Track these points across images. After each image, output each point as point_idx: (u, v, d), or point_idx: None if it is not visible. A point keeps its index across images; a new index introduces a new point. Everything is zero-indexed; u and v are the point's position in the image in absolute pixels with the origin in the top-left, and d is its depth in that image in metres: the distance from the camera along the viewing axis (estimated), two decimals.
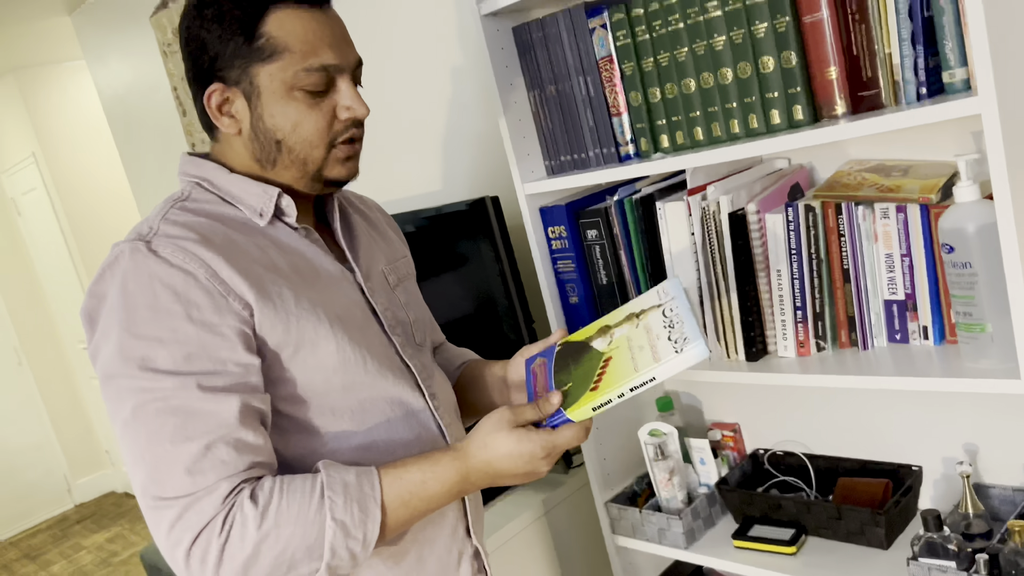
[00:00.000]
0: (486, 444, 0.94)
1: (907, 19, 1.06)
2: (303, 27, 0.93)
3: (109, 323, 0.88)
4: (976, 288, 1.03)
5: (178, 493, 0.84)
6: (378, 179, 2.25)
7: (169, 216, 0.94)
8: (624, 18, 1.30)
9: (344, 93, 0.96)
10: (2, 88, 4.33)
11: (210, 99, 0.95)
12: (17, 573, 4.35)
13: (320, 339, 0.94)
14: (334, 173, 0.98)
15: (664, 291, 1.04)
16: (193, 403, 0.85)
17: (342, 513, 0.87)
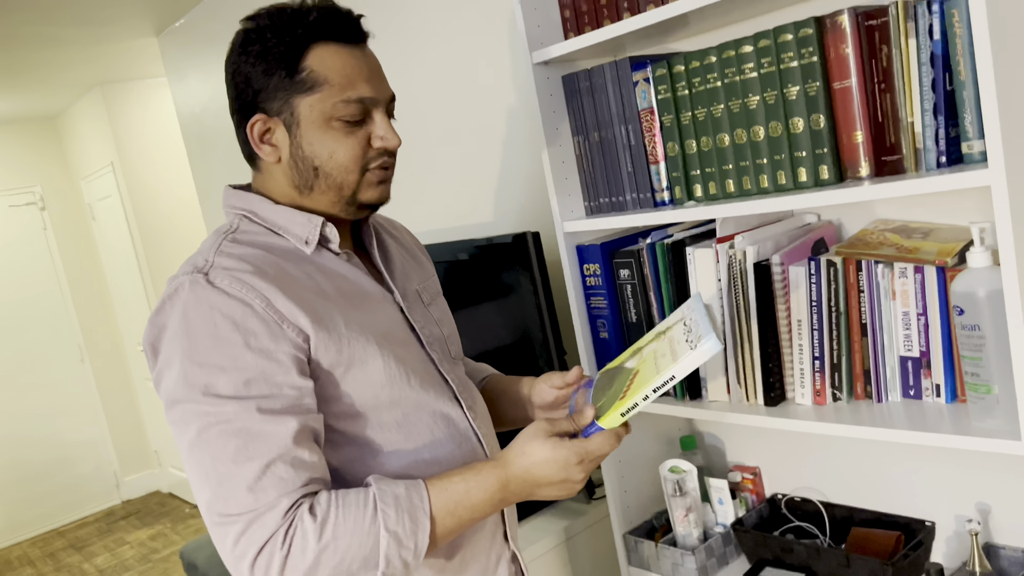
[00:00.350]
0: (524, 452, 0.99)
1: (930, 91, 1.12)
2: (342, 62, 1.00)
3: (172, 352, 0.94)
4: (984, 350, 1.07)
5: (242, 509, 0.90)
6: (432, 207, 2.36)
7: (223, 248, 1.00)
8: (666, 74, 1.38)
9: (379, 124, 1.03)
10: (89, 100, 4.60)
11: (252, 129, 1.02)
12: (62, 562, 4.52)
13: (368, 357, 1.00)
14: (367, 196, 1.05)
15: (687, 306, 1.12)
16: (253, 425, 0.91)
17: (395, 524, 0.92)
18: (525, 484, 0.99)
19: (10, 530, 4.91)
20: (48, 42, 3.39)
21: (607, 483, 1.61)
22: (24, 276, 5.05)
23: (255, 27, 1.01)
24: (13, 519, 4.92)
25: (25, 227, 5.09)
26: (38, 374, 5.07)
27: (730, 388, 1.41)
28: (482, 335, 1.86)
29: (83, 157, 4.98)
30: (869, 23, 1.15)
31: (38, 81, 4.06)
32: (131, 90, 4.48)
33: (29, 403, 5.02)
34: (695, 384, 1.45)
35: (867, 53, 1.16)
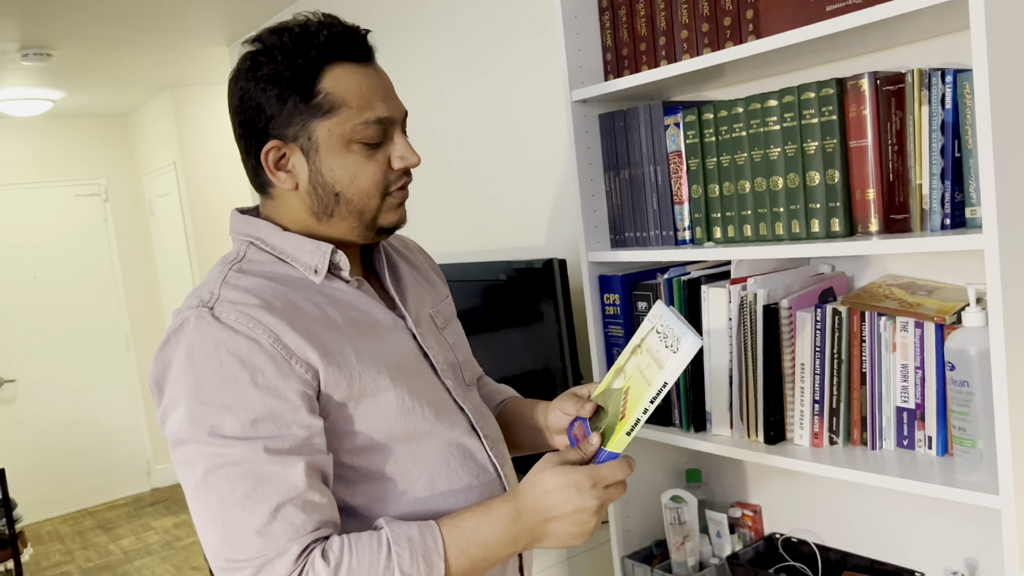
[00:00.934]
0: (535, 482, 0.96)
1: (939, 156, 1.18)
2: (358, 83, 0.98)
3: (177, 390, 0.90)
4: (971, 406, 1.12)
5: (250, 555, 0.87)
6: (460, 229, 2.46)
7: (229, 280, 0.96)
8: (695, 120, 1.46)
9: (398, 144, 1.01)
10: (159, 101, 4.82)
11: (267, 156, 0.99)
12: (90, 540, 4.68)
13: (381, 390, 0.98)
14: (387, 220, 1.03)
15: (654, 315, 1.10)
16: (261, 467, 0.88)
17: (409, 567, 0.90)
18: (537, 516, 0.95)
19: (44, 506, 5.09)
20: (127, 45, 3.59)
21: (611, 508, 1.67)
22: (82, 262, 5.28)
23: (263, 49, 0.97)
24: (48, 496, 5.10)
25: (88, 216, 5.32)
26: (84, 358, 5.27)
27: (733, 424, 1.46)
28: (503, 354, 1.94)
29: (148, 154, 5.20)
30: (887, 88, 1.22)
31: (113, 80, 4.29)
32: (198, 94, 4.69)
33: (73, 385, 5.23)
34: (700, 417, 1.51)
35: (883, 116, 1.23)
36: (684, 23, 1.46)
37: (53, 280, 5.18)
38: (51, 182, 5.20)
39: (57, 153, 5.21)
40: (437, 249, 2.60)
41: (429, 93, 2.55)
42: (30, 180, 5.13)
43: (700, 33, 1.43)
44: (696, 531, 1.60)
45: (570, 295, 1.78)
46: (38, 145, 5.15)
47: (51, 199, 5.20)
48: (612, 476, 0.97)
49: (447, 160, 2.52)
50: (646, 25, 1.52)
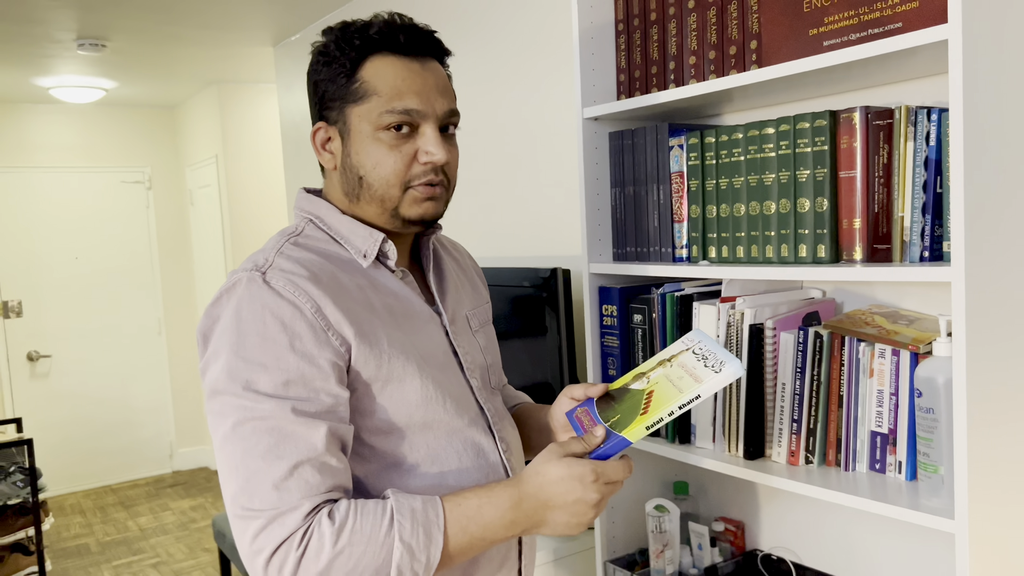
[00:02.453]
0: (538, 472, 0.99)
1: (921, 191, 1.22)
2: (393, 74, 1.02)
3: (220, 344, 0.96)
4: (936, 432, 1.16)
5: (264, 506, 0.91)
6: (480, 237, 2.53)
7: (284, 250, 1.02)
8: (698, 143, 1.51)
9: (426, 139, 1.03)
10: (205, 96, 4.99)
11: (315, 136, 1.07)
12: (110, 516, 4.82)
13: (407, 376, 1.02)
14: (410, 212, 1.05)
15: (689, 339, 1.14)
16: (287, 425, 0.92)
17: (409, 536, 0.93)
18: (538, 504, 0.98)
19: (69, 479, 5.25)
20: (177, 40, 3.74)
21: None
22: (123, 247, 5.46)
23: (326, 39, 1.06)
24: (73, 470, 5.27)
25: (131, 203, 5.50)
26: (118, 339, 5.44)
27: (715, 438, 1.51)
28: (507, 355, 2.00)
29: (191, 146, 5.37)
30: (877, 122, 1.27)
31: (163, 73, 4.45)
32: (243, 92, 4.84)
33: (105, 365, 5.39)
34: (686, 430, 1.56)
35: (872, 149, 1.27)
36: (693, 49, 1.52)
37: (94, 262, 5.36)
38: (98, 168, 5.39)
39: (106, 140, 5.41)
40: None
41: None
42: (79, 164, 5.32)
43: (707, 60, 1.49)
44: (677, 541, 1.64)
45: (572, 305, 1.84)
46: (88, 131, 5.35)
47: (97, 184, 5.39)
48: (615, 474, 0.99)
49: (464, 167, 2.60)
50: (658, 49, 1.59)
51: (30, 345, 5.17)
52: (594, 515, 0.99)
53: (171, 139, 5.63)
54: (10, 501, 3.86)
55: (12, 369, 5.12)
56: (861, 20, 1.25)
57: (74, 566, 4.10)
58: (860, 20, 1.25)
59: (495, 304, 1.43)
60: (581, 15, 1.65)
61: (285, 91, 3.97)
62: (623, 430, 1.01)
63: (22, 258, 5.14)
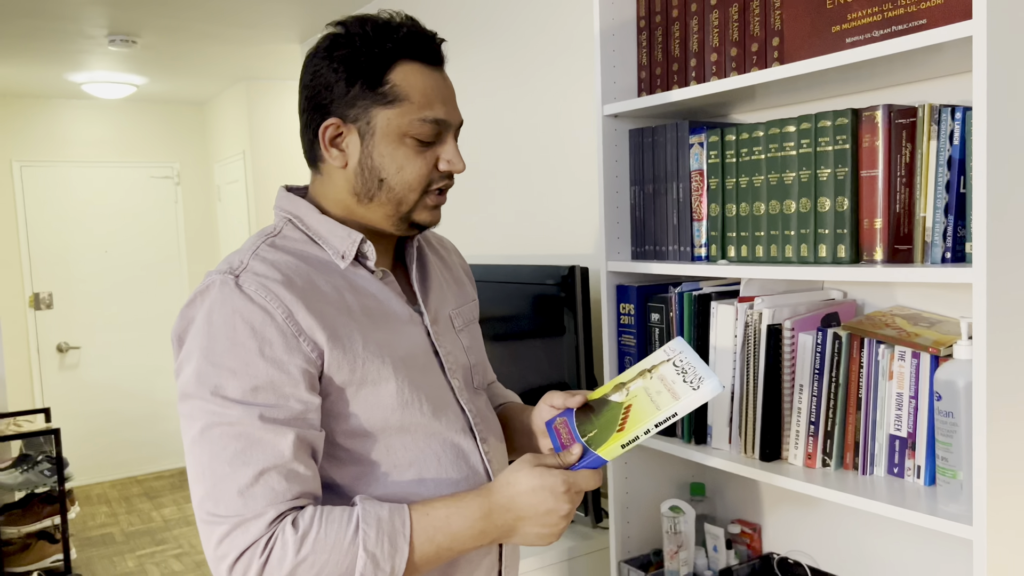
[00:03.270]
0: (509, 482, 0.99)
1: (944, 191, 1.20)
2: (423, 82, 1.03)
3: (192, 347, 0.96)
4: (955, 437, 1.14)
5: (229, 512, 0.91)
6: (489, 232, 2.53)
7: (259, 252, 1.02)
8: (718, 140, 1.50)
9: (448, 148, 1.06)
10: (234, 93, 5.04)
11: (325, 132, 1.04)
12: (134, 506, 4.89)
13: (382, 380, 1.01)
14: (421, 217, 1.07)
15: (671, 349, 1.14)
16: (254, 432, 0.92)
17: (374, 545, 0.93)
18: (508, 515, 0.98)
19: (96, 469, 5.33)
20: (207, 37, 3.78)
21: (612, 511, 1.71)
22: (151, 241, 5.53)
23: (344, 33, 1.03)
24: (100, 460, 5.34)
25: (160, 197, 5.58)
26: (144, 332, 5.51)
27: (731, 439, 1.49)
28: (522, 353, 2.00)
29: (220, 142, 5.43)
30: (899, 121, 1.25)
31: (193, 70, 4.50)
32: (271, 88, 4.88)
33: (132, 357, 5.47)
34: (702, 430, 1.55)
35: (894, 148, 1.25)
36: (714, 46, 1.50)
37: (123, 255, 5.43)
38: (129, 162, 5.47)
39: (136, 136, 5.48)
40: (466, 250, 2.68)
41: (470, 99, 2.63)
42: (109, 159, 5.40)
43: (728, 57, 1.48)
44: (691, 542, 1.63)
45: (590, 303, 1.83)
46: (119, 127, 5.42)
47: (127, 178, 5.47)
48: (586, 484, 1.00)
49: (481, 165, 2.60)
50: (679, 46, 1.57)
51: (60, 336, 5.25)
52: (564, 525, 0.99)
53: (200, 135, 5.69)
54: (37, 489, 3.93)
55: (42, 359, 5.21)
56: (885, 17, 1.23)
57: (98, 555, 4.16)
58: (884, 17, 1.23)
59: (513, 302, 1.42)
60: (603, 12, 1.64)
61: None
62: (599, 447, 1.01)
63: (53, 251, 5.22)
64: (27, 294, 5.16)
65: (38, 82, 4.64)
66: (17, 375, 5.09)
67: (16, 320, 5.11)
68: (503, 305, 2.03)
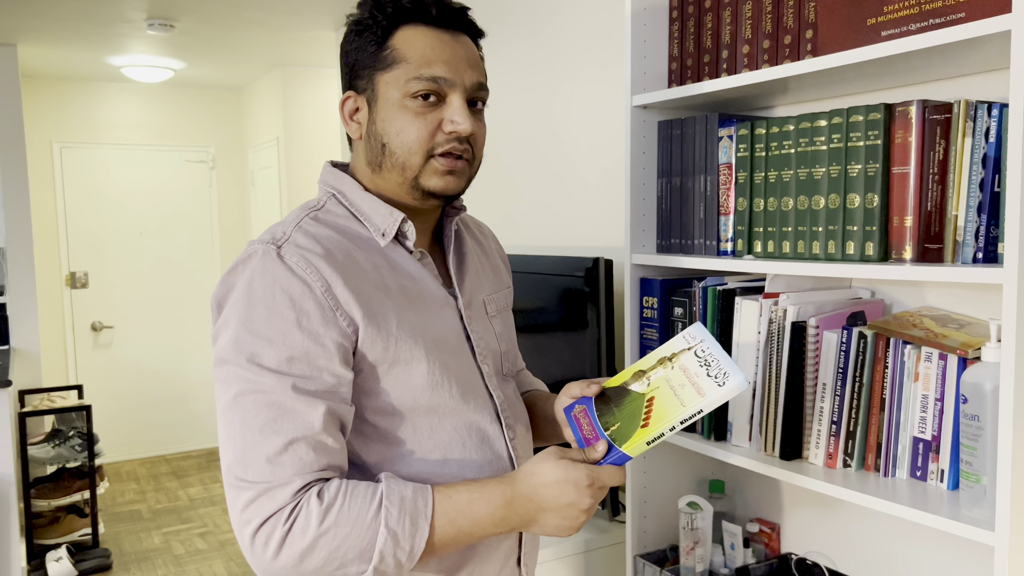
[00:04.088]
0: (533, 472, 0.99)
1: (977, 189, 1.17)
2: (424, 42, 1.02)
3: (231, 313, 0.97)
4: (980, 441, 1.11)
5: (257, 479, 0.92)
6: (516, 221, 2.52)
7: (302, 225, 1.02)
8: (748, 134, 1.48)
9: (452, 108, 1.02)
10: (269, 79, 5.08)
11: (344, 105, 1.07)
12: (162, 484, 4.97)
13: (414, 360, 1.01)
14: (430, 184, 1.04)
15: (691, 336, 1.11)
16: (286, 401, 0.93)
17: (395, 523, 0.93)
18: (530, 505, 0.98)
19: (127, 447, 5.43)
20: (244, 22, 3.81)
21: (629, 506, 1.71)
22: (185, 224, 5.60)
23: (360, 9, 1.06)
24: (131, 439, 5.44)
25: (195, 181, 5.65)
26: (176, 314, 5.60)
27: (752, 437, 1.48)
28: (545, 342, 1.99)
29: (254, 128, 5.48)
30: (934, 116, 1.22)
31: (229, 55, 4.54)
32: (305, 75, 4.91)
33: (164, 338, 5.55)
34: (722, 427, 1.53)
35: (928, 144, 1.22)
36: (747, 38, 1.48)
37: (157, 237, 5.51)
38: (165, 146, 5.54)
39: (173, 119, 5.55)
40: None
41: (500, 89, 2.62)
42: (146, 142, 5.48)
43: (761, 49, 1.45)
44: (708, 539, 1.62)
45: (613, 295, 1.82)
46: (157, 110, 5.50)
47: (163, 162, 5.54)
48: (610, 480, 1.00)
49: (510, 154, 2.59)
50: (711, 38, 1.55)
51: (94, 315, 5.35)
52: (586, 519, 0.99)
53: (235, 120, 5.75)
54: (68, 464, 4.01)
55: (77, 337, 5.31)
56: (922, 10, 1.20)
57: (126, 530, 4.24)
58: (921, 10, 1.20)
59: (536, 293, 1.41)
60: (635, 2, 1.63)
61: None
62: (624, 444, 1.01)
63: (90, 231, 5.31)
64: (64, 273, 5.26)
65: (79, 65, 4.72)
66: (52, 352, 5.19)
67: (53, 298, 5.22)
68: (527, 295, 2.03)
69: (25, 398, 4.16)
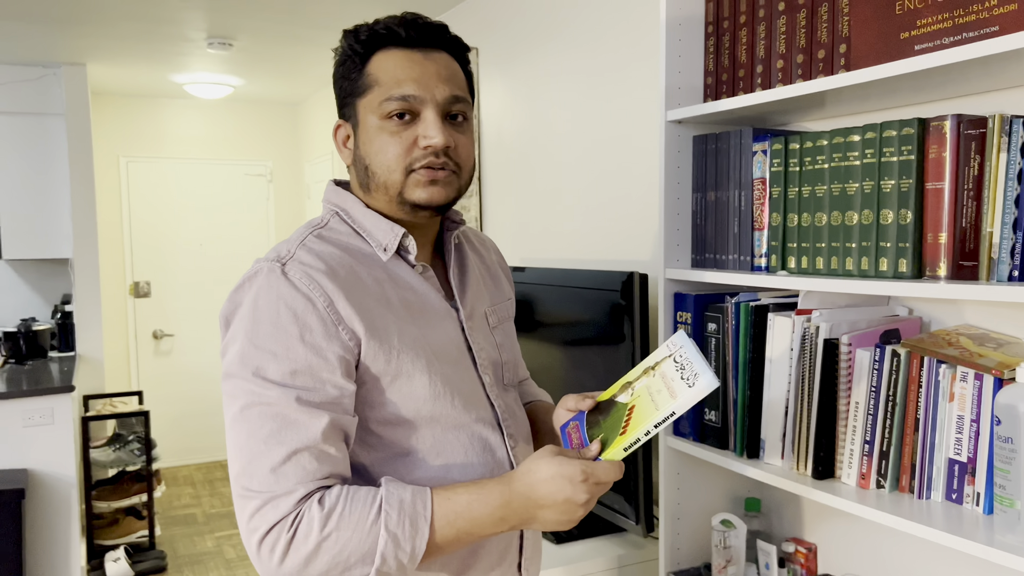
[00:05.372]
0: (529, 470, 1.00)
1: (1013, 205, 1.15)
2: (395, 65, 1.05)
3: (238, 329, 1.00)
4: (1014, 464, 1.08)
5: (262, 488, 0.96)
6: (565, 239, 2.53)
7: (306, 243, 1.06)
8: (782, 149, 1.47)
9: (426, 123, 1.04)
10: (325, 95, 5.20)
11: (336, 133, 1.13)
12: (216, 489, 5.10)
13: (416, 372, 1.04)
14: (415, 196, 1.06)
15: (673, 343, 1.12)
16: (290, 413, 0.96)
17: (395, 526, 0.96)
18: (528, 503, 0.99)
19: (185, 452, 5.59)
20: (299, 40, 3.92)
21: (662, 522, 1.70)
22: (243, 236, 5.76)
23: (342, 41, 1.10)
24: (187, 444, 5.60)
25: (253, 194, 5.80)
26: None
27: (784, 455, 1.46)
28: (577, 358, 2.00)
29: (310, 142, 5.61)
30: (969, 131, 1.19)
31: (286, 72, 4.67)
32: None
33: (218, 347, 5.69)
34: (755, 444, 1.51)
35: (963, 160, 1.20)
36: (781, 53, 1.47)
37: (217, 249, 5.68)
38: (225, 160, 5.71)
39: (232, 134, 5.72)
40: (528, 254, 2.69)
41: (537, 103, 2.64)
42: (207, 156, 5.66)
43: (795, 64, 1.44)
44: (742, 558, 1.60)
45: (648, 310, 1.82)
46: (217, 125, 5.67)
47: (223, 175, 5.71)
48: (605, 476, 1.00)
49: (544, 168, 2.61)
50: (746, 52, 1.55)
51: (156, 324, 5.53)
52: (583, 513, 0.99)
53: (292, 135, 5.90)
54: (128, 468, 4.15)
55: (139, 345, 5.49)
56: (956, 23, 1.18)
57: (181, 533, 4.36)
58: (955, 23, 1.18)
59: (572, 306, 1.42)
60: (669, 16, 1.63)
61: None
62: (604, 453, 1.02)
63: (153, 242, 5.50)
64: (128, 283, 5.45)
65: (144, 82, 4.91)
66: (116, 359, 5.38)
67: (118, 307, 5.41)
68: (562, 309, 2.04)
69: (89, 403, 4.32)
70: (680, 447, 1.65)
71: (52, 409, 3.44)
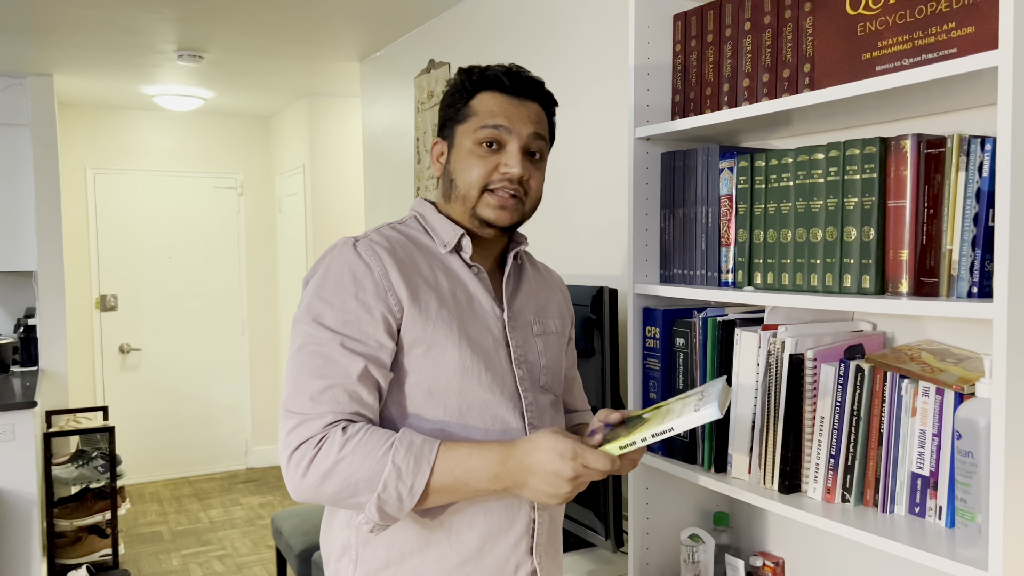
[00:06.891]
0: (530, 439, 1.12)
1: (971, 224, 1.17)
2: (493, 103, 1.26)
3: (312, 286, 1.21)
4: (974, 478, 1.10)
5: (300, 411, 1.14)
6: (539, 251, 2.54)
7: (381, 230, 1.27)
8: (748, 166, 1.49)
9: (508, 154, 1.24)
10: (296, 108, 5.18)
11: (433, 149, 1.32)
12: (184, 506, 5.01)
13: (449, 344, 1.20)
14: (484, 213, 1.25)
15: (711, 383, 1.25)
16: (335, 355, 1.15)
17: (401, 460, 1.10)
18: (521, 467, 1.11)
19: (152, 468, 5.50)
20: (271, 53, 3.90)
21: (631, 536, 1.70)
22: (213, 249, 5.71)
23: (456, 76, 1.31)
24: (154, 460, 5.51)
25: (223, 207, 5.75)
26: (203, 337, 5.68)
27: (751, 469, 1.47)
28: None
29: (282, 155, 5.58)
30: (928, 151, 1.22)
31: (257, 85, 4.65)
32: (331, 104, 5.00)
33: (190, 361, 5.64)
34: (722, 459, 1.52)
35: (923, 178, 1.22)
36: (747, 72, 1.49)
37: (185, 262, 5.62)
38: (194, 172, 5.66)
39: (202, 147, 5.68)
40: None
41: None
42: (176, 168, 5.60)
43: (761, 82, 1.46)
44: (710, 572, 1.60)
45: (618, 325, 1.83)
46: (186, 137, 5.62)
47: (192, 188, 5.66)
48: (594, 461, 1.10)
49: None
50: (713, 71, 1.57)
51: (122, 338, 5.45)
52: (569, 489, 1.10)
53: (263, 148, 5.86)
54: (91, 485, 4.06)
55: (105, 359, 5.41)
56: (915, 45, 1.20)
57: (146, 551, 4.28)
58: (914, 45, 1.21)
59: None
60: (637, 37, 1.65)
61: (368, 105, 4.09)
62: (603, 445, 1.14)
63: (121, 255, 5.43)
64: (94, 296, 5.37)
65: (113, 93, 4.85)
66: (81, 373, 5.29)
67: (83, 320, 5.32)
68: None
69: (52, 419, 4.24)
70: (649, 462, 1.66)
71: (13, 425, 3.37)
